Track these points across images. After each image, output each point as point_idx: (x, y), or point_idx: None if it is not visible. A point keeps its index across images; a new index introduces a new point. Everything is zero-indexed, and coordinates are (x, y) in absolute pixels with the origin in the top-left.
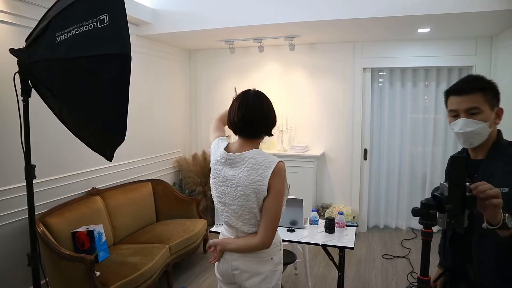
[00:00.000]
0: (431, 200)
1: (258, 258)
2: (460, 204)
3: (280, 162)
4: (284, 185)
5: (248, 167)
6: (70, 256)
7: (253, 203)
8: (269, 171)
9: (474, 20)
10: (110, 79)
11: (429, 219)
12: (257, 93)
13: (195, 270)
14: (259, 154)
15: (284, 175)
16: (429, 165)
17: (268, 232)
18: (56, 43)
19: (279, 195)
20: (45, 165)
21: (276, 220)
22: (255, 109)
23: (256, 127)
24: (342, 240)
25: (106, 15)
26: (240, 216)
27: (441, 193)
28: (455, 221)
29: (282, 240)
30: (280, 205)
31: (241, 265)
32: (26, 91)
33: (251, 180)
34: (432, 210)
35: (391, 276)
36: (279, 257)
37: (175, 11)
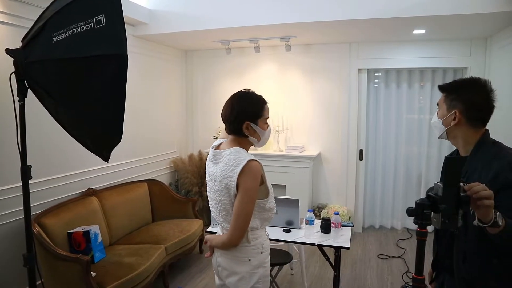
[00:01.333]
0: (426, 200)
1: (236, 258)
2: (454, 204)
3: (251, 161)
4: (254, 185)
5: (224, 163)
6: (66, 257)
7: (226, 198)
8: (239, 168)
9: (468, 22)
10: (106, 80)
11: (424, 219)
12: (237, 92)
13: (191, 271)
14: (236, 152)
15: (255, 174)
16: (424, 166)
17: (234, 230)
18: (53, 44)
19: (247, 194)
20: (41, 166)
21: (242, 218)
22: (226, 106)
23: (227, 124)
24: (337, 240)
25: (102, 16)
26: (219, 211)
27: (436, 193)
28: (449, 221)
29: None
30: (247, 205)
31: (222, 262)
32: (22, 92)
33: (224, 176)
34: (427, 210)
35: (386, 276)
36: (258, 260)
37: (171, 11)
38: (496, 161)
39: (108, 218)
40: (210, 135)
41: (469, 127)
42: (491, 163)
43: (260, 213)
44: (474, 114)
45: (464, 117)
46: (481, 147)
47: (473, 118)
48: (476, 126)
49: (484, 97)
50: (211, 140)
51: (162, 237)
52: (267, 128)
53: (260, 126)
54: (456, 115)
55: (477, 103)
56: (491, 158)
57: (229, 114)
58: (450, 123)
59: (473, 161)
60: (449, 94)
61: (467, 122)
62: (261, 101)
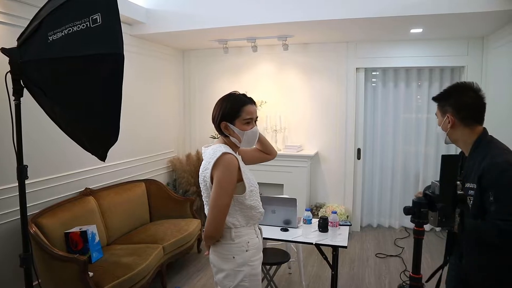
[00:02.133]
0: (423, 199)
1: (221, 255)
2: (451, 202)
3: (225, 153)
4: (228, 178)
5: (205, 159)
6: (63, 257)
7: (205, 192)
8: (213, 161)
9: (466, 21)
10: (103, 79)
11: (421, 218)
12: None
13: (189, 270)
14: (216, 147)
15: (227, 167)
16: (421, 165)
17: (208, 222)
18: (48, 43)
19: (219, 185)
20: (37, 165)
21: (215, 210)
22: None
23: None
24: (335, 239)
25: (98, 15)
26: (206, 205)
27: (433, 191)
28: (446, 219)
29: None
30: (220, 198)
31: (212, 259)
32: (17, 91)
33: (203, 169)
34: (424, 208)
35: (384, 275)
36: (243, 258)
37: (168, 10)
38: (484, 161)
39: (106, 218)
40: (208, 135)
41: (464, 127)
42: (481, 163)
43: (241, 210)
44: (465, 114)
45: (457, 119)
46: (478, 147)
47: (465, 118)
48: (471, 125)
49: (471, 97)
50: (209, 139)
51: (159, 237)
52: (250, 129)
53: (237, 127)
54: (449, 118)
55: (465, 104)
56: (482, 158)
57: (213, 115)
58: (447, 127)
59: (471, 160)
60: (440, 102)
61: (461, 123)
62: (240, 102)
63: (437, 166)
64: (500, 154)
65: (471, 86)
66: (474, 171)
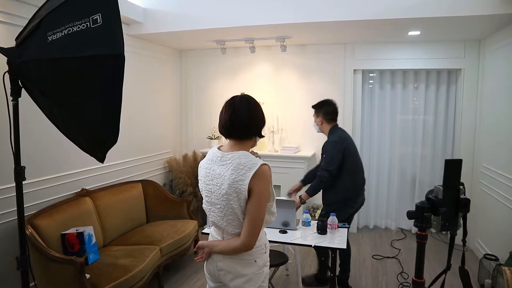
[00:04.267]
0: (426, 203)
1: (242, 260)
2: (454, 206)
3: (264, 165)
4: (267, 189)
5: (232, 166)
6: (60, 259)
7: (235, 203)
8: (251, 172)
9: (463, 24)
10: (103, 80)
11: (424, 222)
12: (244, 97)
13: (186, 271)
14: (244, 155)
15: (268, 178)
16: (418, 166)
17: (249, 235)
18: (48, 43)
19: (261, 198)
20: (34, 166)
21: (257, 223)
22: (241, 111)
23: (242, 128)
24: (334, 241)
25: (99, 15)
26: (224, 215)
27: (436, 196)
28: (449, 223)
29: (269, 242)
30: (261, 209)
31: (225, 266)
32: (15, 91)
33: (233, 180)
34: (427, 213)
35: (381, 276)
36: (263, 260)
37: (166, 10)
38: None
39: (102, 219)
40: (205, 135)
41: (327, 124)
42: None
43: (265, 216)
44: (328, 117)
45: (324, 119)
46: (331, 133)
47: (328, 119)
48: (330, 122)
49: (331, 108)
50: (205, 140)
51: (156, 238)
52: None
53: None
54: (321, 119)
55: (329, 111)
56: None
57: (247, 118)
58: (320, 124)
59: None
60: (316, 110)
61: (326, 121)
62: None
63: (433, 168)
64: (333, 136)
65: (332, 102)
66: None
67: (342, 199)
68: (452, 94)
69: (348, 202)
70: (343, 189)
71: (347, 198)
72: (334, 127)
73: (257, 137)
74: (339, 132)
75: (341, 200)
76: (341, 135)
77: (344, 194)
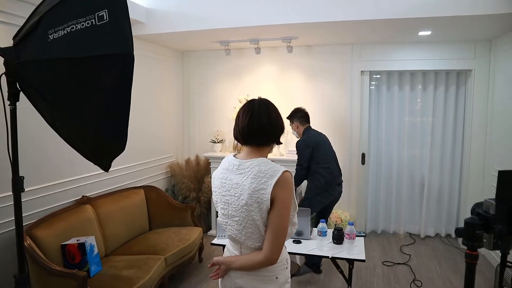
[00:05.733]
0: (477, 219)
1: (262, 277)
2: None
3: (286, 171)
4: (291, 197)
5: (252, 174)
6: (61, 272)
7: (256, 214)
8: (273, 180)
9: (475, 23)
10: (110, 82)
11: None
12: (262, 101)
13: (191, 281)
14: (264, 162)
15: (291, 186)
16: (427, 169)
17: (273, 248)
18: (49, 42)
19: (284, 207)
20: (31, 173)
21: (281, 234)
22: (260, 116)
23: (262, 134)
24: (351, 252)
25: (105, 11)
26: (243, 228)
27: (486, 210)
28: (502, 242)
29: (288, 258)
30: (285, 219)
31: (244, 284)
32: (13, 95)
33: (254, 189)
34: (479, 230)
35: (393, 284)
36: (285, 276)
37: (170, 10)
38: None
39: (104, 227)
40: (208, 139)
41: (301, 126)
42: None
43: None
44: (301, 119)
45: (299, 123)
46: (303, 134)
47: (302, 121)
48: (303, 124)
49: (303, 113)
50: (208, 144)
51: (161, 247)
52: None
53: None
54: (296, 124)
55: (301, 115)
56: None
57: (266, 124)
58: (295, 128)
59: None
60: (291, 118)
61: (300, 124)
62: None
63: (442, 170)
64: (303, 136)
65: (302, 108)
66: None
67: (322, 185)
68: (462, 96)
69: (328, 188)
70: (320, 176)
71: (326, 184)
72: (307, 128)
73: (274, 144)
74: (310, 132)
75: (320, 186)
76: (310, 134)
77: (321, 180)
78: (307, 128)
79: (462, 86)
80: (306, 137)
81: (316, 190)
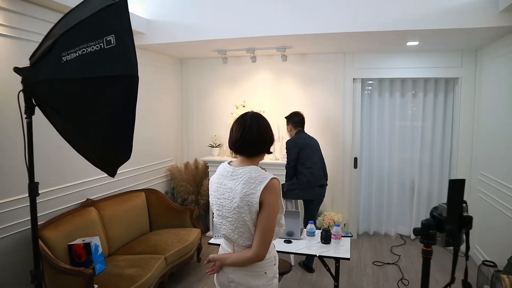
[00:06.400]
0: (431, 221)
1: (252, 272)
2: (458, 224)
3: (274, 178)
4: (277, 201)
5: (243, 180)
6: (69, 270)
7: (246, 215)
8: (262, 185)
9: (460, 35)
10: (116, 100)
11: (430, 239)
12: (253, 115)
13: (190, 280)
14: (255, 170)
15: (277, 191)
16: (417, 172)
17: (261, 246)
18: (62, 63)
19: (271, 210)
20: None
21: (268, 234)
22: (251, 130)
23: (253, 146)
24: (338, 251)
25: (112, 36)
26: (236, 228)
27: (440, 213)
28: (453, 240)
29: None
30: (272, 220)
31: (237, 278)
32: (29, 109)
33: (245, 193)
34: (432, 230)
35: (382, 283)
36: (273, 272)
37: (169, 21)
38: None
39: (107, 229)
40: (206, 144)
41: (294, 130)
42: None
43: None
44: (295, 124)
45: (292, 126)
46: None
47: (295, 126)
48: (296, 128)
49: (299, 118)
50: (206, 148)
51: (161, 247)
52: None
53: None
54: (290, 126)
55: (296, 120)
56: None
57: (257, 137)
58: (289, 130)
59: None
60: (288, 119)
61: (294, 128)
62: None
63: (431, 173)
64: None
65: (299, 113)
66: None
67: (302, 183)
68: (450, 103)
69: (308, 187)
70: (303, 176)
71: (306, 183)
72: (299, 131)
73: (265, 153)
74: (302, 134)
75: (301, 183)
76: (300, 136)
77: (303, 180)
78: (299, 131)
79: (450, 93)
80: (296, 138)
81: (296, 186)
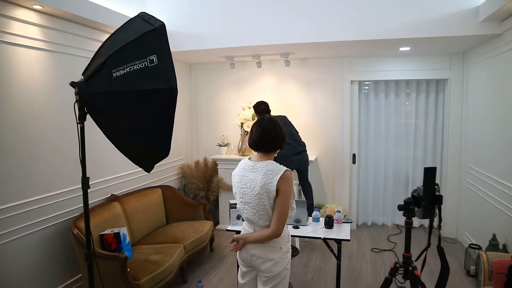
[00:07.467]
0: (411, 199)
1: (270, 247)
2: (431, 201)
3: (287, 171)
4: (290, 188)
5: (263, 172)
6: (104, 255)
7: (266, 201)
8: (277, 176)
9: (447, 41)
10: (159, 109)
11: (410, 212)
12: (270, 119)
13: (205, 267)
14: (271, 164)
15: (290, 180)
16: (411, 166)
17: (278, 224)
18: (113, 78)
19: (285, 195)
20: (71, 176)
21: (284, 215)
22: (269, 131)
23: (270, 144)
24: (340, 234)
25: (155, 56)
26: (256, 211)
27: (418, 193)
28: (428, 213)
29: (289, 234)
30: (286, 204)
31: (257, 253)
32: (82, 117)
33: (264, 183)
34: (412, 206)
35: (380, 267)
36: (287, 247)
37: (180, 31)
38: None
39: (130, 221)
40: (214, 143)
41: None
42: None
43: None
44: (262, 113)
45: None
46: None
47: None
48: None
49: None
50: (215, 147)
51: (179, 237)
52: None
53: None
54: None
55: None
56: None
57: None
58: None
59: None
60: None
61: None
62: None
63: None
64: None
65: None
66: None
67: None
68: (440, 102)
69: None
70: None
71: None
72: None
73: (278, 150)
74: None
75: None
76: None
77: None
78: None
79: (441, 93)
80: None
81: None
